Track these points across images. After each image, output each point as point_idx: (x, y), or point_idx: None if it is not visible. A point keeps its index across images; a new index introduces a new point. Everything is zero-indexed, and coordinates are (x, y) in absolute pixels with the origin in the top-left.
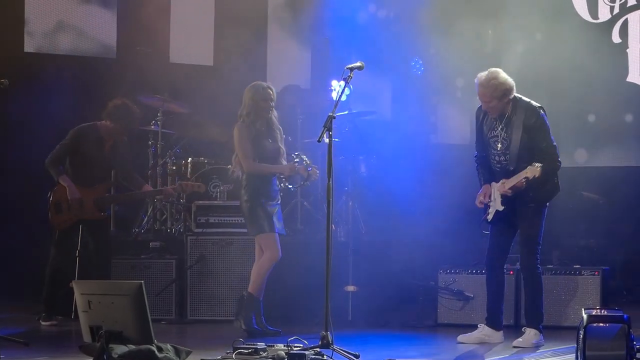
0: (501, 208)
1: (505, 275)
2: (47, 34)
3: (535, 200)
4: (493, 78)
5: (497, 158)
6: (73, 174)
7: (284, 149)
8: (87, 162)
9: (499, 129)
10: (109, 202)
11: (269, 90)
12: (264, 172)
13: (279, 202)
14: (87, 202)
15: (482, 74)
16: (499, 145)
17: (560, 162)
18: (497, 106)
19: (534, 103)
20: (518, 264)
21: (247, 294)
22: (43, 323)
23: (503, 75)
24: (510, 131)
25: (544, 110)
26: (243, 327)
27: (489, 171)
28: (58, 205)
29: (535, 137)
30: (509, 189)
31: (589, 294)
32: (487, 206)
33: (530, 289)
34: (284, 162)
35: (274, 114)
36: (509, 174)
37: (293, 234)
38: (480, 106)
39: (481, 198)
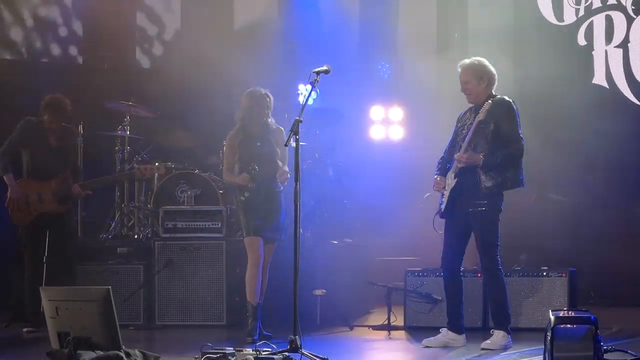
0: (453, 182)
1: (473, 278)
2: (12, 39)
3: (491, 190)
4: (473, 62)
5: (460, 144)
6: (31, 168)
7: (280, 151)
8: (40, 156)
9: (472, 118)
10: (68, 192)
11: (265, 96)
12: (230, 183)
13: (277, 205)
14: (46, 195)
15: (465, 60)
16: (464, 131)
17: (522, 149)
18: (475, 89)
19: (507, 98)
20: None
21: (247, 302)
22: (27, 336)
23: (485, 62)
24: (478, 117)
25: (516, 105)
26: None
27: (445, 168)
28: (17, 202)
29: (501, 124)
30: (464, 154)
31: (557, 295)
32: (440, 202)
33: (493, 291)
34: (280, 164)
35: (271, 120)
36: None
37: None
38: (462, 112)
39: (440, 183)
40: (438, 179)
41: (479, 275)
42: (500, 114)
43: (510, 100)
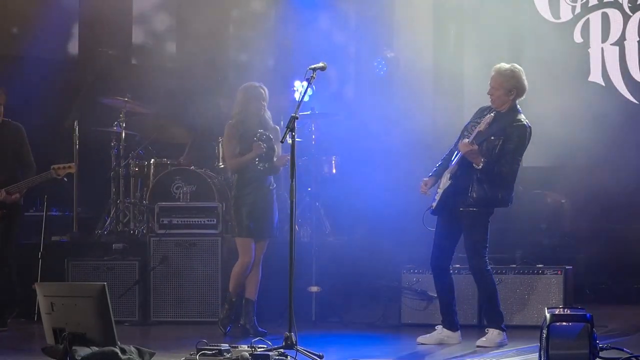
0: (447, 183)
1: (467, 275)
2: (7, 35)
3: (477, 202)
4: (511, 70)
5: (466, 135)
6: None
7: (276, 148)
8: None
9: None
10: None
11: (261, 89)
12: (242, 164)
13: (270, 202)
14: None
15: (504, 64)
16: (474, 128)
17: (514, 173)
18: (501, 98)
19: (525, 119)
20: None
21: (245, 299)
22: None
23: (521, 74)
24: (492, 126)
25: (531, 131)
26: (250, 330)
27: (442, 169)
28: None
29: (508, 143)
30: (470, 145)
31: (552, 293)
32: (433, 199)
33: (483, 290)
34: (274, 158)
35: (267, 114)
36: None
37: None
38: (481, 108)
39: (426, 185)
40: (422, 182)
41: None
42: (511, 134)
43: (527, 125)
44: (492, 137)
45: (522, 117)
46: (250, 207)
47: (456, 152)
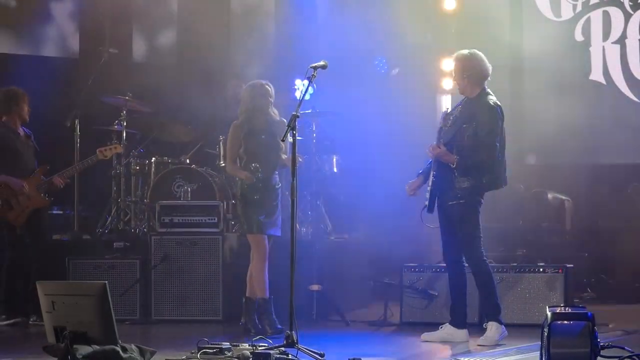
0: (432, 180)
1: (469, 273)
2: (8, 34)
3: (463, 194)
4: (465, 54)
5: (440, 134)
6: (7, 171)
7: (283, 145)
8: (14, 155)
9: (457, 110)
10: (50, 185)
11: (267, 87)
12: (235, 175)
13: (276, 201)
14: (31, 192)
15: (463, 50)
16: (449, 122)
17: (493, 156)
18: (460, 83)
19: (494, 100)
20: None
21: (245, 297)
22: (0, 323)
23: (480, 58)
24: (462, 113)
25: (501, 110)
26: (251, 329)
27: (429, 167)
28: (7, 202)
29: (480, 128)
30: (437, 148)
31: (553, 291)
32: (425, 198)
33: (481, 282)
34: (284, 157)
35: (274, 111)
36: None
37: None
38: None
39: (410, 188)
40: (407, 185)
41: None
42: (481, 117)
43: (495, 105)
44: (464, 125)
45: (490, 98)
46: (260, 203)
47: None
